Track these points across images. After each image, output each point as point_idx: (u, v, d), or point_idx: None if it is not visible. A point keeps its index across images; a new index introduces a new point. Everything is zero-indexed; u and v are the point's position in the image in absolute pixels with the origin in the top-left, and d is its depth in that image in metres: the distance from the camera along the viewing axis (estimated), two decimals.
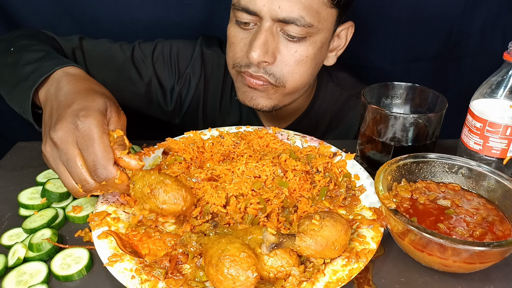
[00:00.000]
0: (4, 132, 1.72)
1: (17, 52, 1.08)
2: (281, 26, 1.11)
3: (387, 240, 0.86)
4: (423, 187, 0.91)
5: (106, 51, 1.36)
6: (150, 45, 1.41)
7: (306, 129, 1.20)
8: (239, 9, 1.12)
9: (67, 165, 0.78)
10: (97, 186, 0.79)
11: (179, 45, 1.43)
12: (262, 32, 1.10)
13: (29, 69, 0.98)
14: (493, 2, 1.57)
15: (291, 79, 1.18)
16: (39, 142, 1.20)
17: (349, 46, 1.32)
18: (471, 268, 0.77)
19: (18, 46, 1.11)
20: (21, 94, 0.97)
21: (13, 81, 1.02)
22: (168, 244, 0.81)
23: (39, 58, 1.01)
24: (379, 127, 1.02)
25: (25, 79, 0.97)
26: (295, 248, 0.74)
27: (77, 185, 0.79)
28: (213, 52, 1.43)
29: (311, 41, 1.15)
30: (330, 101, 1.42)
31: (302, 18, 1.08)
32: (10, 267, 0.80)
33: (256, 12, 1.09)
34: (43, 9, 1.57)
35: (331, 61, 1.30)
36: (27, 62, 1.01)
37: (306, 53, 1.15)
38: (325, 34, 1.17)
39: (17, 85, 0.99)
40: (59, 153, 0.79)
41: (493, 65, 0.98)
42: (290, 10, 1.07)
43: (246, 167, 0.93)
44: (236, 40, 1.18)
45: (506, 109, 0.94)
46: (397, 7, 1.61)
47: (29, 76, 0.96)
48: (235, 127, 1.17)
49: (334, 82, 1.42)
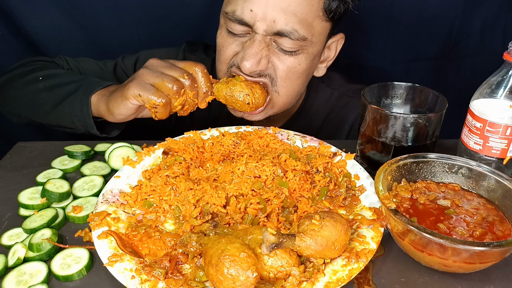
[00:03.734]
0: (4, 132, 1.73)
1: (50, 78, 1.21)
2: (275, 39, 1.11)
3: (387, 240, 0.86)
4: (423, 187, 0.91)
5: (91, 68, 1.39)
6: (133, 58, 1.43)
7: (299, 129, 1.20)
8: (232, 20, 1.10)
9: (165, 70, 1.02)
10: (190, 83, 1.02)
11: (162, 53, 1.44)
12: (255, 43, 1.09)
13: (74, 86, 1.14)
14: (493, 2, 1.57)
15: (284, 85, 1.18)
16: (39, 142, 1.22)
17: (349, 47, 1.32)
18: (471, 268, 0.77)
19: (44, 74, 1.23)
20: (74, 104, 1.11)
21: (56, 100, 1.15)
22: (168, 244, 0.81)
23: (78, 80, 1.17)
24: (379, 127, 1.02)
25: (73, 93, 1.12)
26: (295, 248, 0.74)
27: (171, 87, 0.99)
28: (196, 57, 1.43)
29: (304, 54, 1.14)
30: (322, 101, 1.42)
31: (296, 31, 1.07)
32: (10, 267, 0.80)
33: (250, 25, 1.09)
34: (43, 9, 1.57)
35: (321, 72, 1.31)
36: (69, 82, 1.16)
37: (299, 65, 1.15)
38: (318, 47, 1.18)
39: (64, 100, 1.13)
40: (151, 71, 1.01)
41: (493, 65, 0.98)
42: (284, 23, 1.06)
43: (246, 167, 0.93)
44: (227, 44, 1.17)
45: (506, 109, 0.94)
46: (397, 7, 1.61)
47: (76, 90, 1.12)
48: (235, 127, 1.17)
49: (325, 82, 1.43)
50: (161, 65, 1.04)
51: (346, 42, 1.30)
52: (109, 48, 1.67)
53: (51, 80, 1.20)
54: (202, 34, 1.61)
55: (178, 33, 1.65)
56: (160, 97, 0.99)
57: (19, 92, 1.24)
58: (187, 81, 1.02)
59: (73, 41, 1.65)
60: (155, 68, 1.03)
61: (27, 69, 1.27)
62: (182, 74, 1.02)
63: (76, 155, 1.13)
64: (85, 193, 1.00)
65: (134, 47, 1.61)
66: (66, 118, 1.14)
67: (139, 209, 0.92)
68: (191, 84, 1.03)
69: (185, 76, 1.02)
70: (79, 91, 1.12)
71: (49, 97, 1.17)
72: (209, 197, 0.88)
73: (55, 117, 1.17)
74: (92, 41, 1.66)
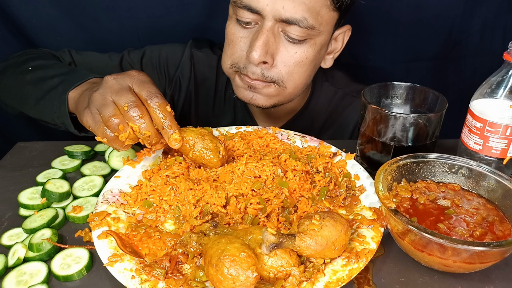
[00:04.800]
0: (4, 132, 1.72)
1: (38, 70, 1.15)
2: (283, 27, 1.10)
3: (387, 240, 0.86)
4: (423, 187, 0.91)
5: (96, 61, 1.37)
6: (139, 52, 1.42)
7: (301, 128, 1.20)
8: (240, 7, 1.10)
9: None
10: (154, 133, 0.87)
11: (168, 49, 1.44)
12: (263, 32, 1.09)
13: (57, 80, 1.07)
14: (493, 2, 1.57)
15: (291, 79, 1.18)
16: (39, 142, 1.22)
17: (349, 46, 1.32)
18: (471, 268, 0.77)
19: (35, 65, 1.17)
20: (53, 101, 1.03)
21: (38, 94, 1.09)
22: (168, 244, 0.81)
23: (64, 73, 1.10)
24: (379, 127, 1.02)
25: (54, 88, 1.05)
26: (295, 248, 0.74)
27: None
28: (203, 54, 1.43)
29: (311, 43, 1.15)
30: (325, 100, 1.42)
31: (305, 19, 1.07)
32: (10, 267, 0.80)
33: (258, 11, 1.08)
34: (43, 9, 1.57)
35: (328, 64, 1.31)
36: (53, 76, 1.09)
37: (306, 55, 1.15)
38: (324, 37, 1.18)
39: (45, 96, 1.07)
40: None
41: (493, 65, 0.98)
42: (294, 11, 1.06)
43: (246, 167, 0.93)
44: (236, 39, 1.17)
45: (506, 109, 0.94)
46: (397, 7, 1.61)
47: (57, 85, 1.04)
48: (235, 127, 1.17)
49: (329, 81, 1.42)
50: (112, 87, 0.88)
51: (346, 42, 1.30)
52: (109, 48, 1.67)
53: (38, 72, 1.14)
54: (202, 34, 1.61)
55: (178, 33, 1.65)
56: (103, 135, 0.86)
57: (10, 82, 1.20)
58: (130, 111, 0.84)
59: (73, 41, 1.65)
60: (105, 92, 0.87)
61: (22, 58, 1.23)
62: (125, 102, 0.84)
63: (76, 155, 1.13)
64: (85, 193, 1.00)
65: (134, 47, 1.61)
66: (47, 115, 1.08)
67: (139, 209, 0.92)
68: (133, 116, 0.84)
69: (128, 104, 0.84)
70: (60, 87, 1.04)
71: (33, 90, 1.11)
72: (209, 197, 0.88)
73: (38, 112, 1.12)
74: (92, 41, 1.66)
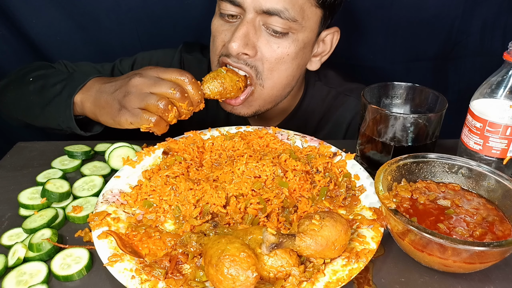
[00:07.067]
0: (4, 132, 1.73)
1: (39, 80, 1.20)
2: (264, 20, 1.11)
3: (387, 240, 0.86)
4: (423, 187, 0.91)
5: (89, 71, 1.39)
6: (130, 60, 1.43)
7: (295, 129, 1.20)
8: (223, 0, 1.12)
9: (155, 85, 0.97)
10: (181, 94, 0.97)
11: (159, 55, 1.44)
12: (244, 24, 1.11)
13: (59, 86, 1.12)
14: (493, 2, 1.57)
15: (270, 77, 1.18)
16: (39, 142, 1.22)
17: (349, 46, 1.32)
18: (471, 268, 0.77)
19: (35, 75, 1.22)
20: (59, 106, 1.09)
21: (43, 102, 1.14)
22: (168, 244, 0.81)
23: (64, 78, 1.14)
24: (379, 127, 1.02)
25: (59, 94, 1.10)
26: (295, 248, 0.74)
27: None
28: (193, 57, 1.44)
29: (293, 39, 1.15)
30: (319, 100, 1.42)
31: (286, 10, 1.08)
32: (10, 267, 0.80)
33: (239, 3, 1.09)
34: (43, 9, 1.57)
35: (314, 66, 1.30)
36: (55, 83, 1.13)
37: (288, 51, 1.15)
38: (308, 34, 1.18)
39: (50, 102, 1.12)
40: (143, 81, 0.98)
41: (493, 65, 0.98)
42: (275, 2, 1.07)
43: (246, 167, 0.93)
44: (218, 32, 1.18)
45: (506, 109, 0.94)
46: (397, 7, 1.61)
47: (61, 91, 1.10)
48: (235, 127, 1.17)
49: (322, 81, 1.42)
50: (145, 83, 0.98)
51: (346, 42, 1.29)
52: (109, 48, 1.67)
53: (40, 81, 1.19)
54: (202, 34, 1.60)
55: (178, 33, 1.66)
56: (148, 120, 0.96)
57: (13, 96, 1.24)
58: (177, 94, 0.97)
59: (73, 41, 1.65)
60: (139, 90, 0.98)
61: (22, 72, 1.27)
62: (169, 89, 0.97)
63: (76, 155, 1.13)
64: (85, 193, 1.00)
65: (134, 47, 1.61)
66: (53, 121, 1.13)
67: (139, 209, 0.92)
68: (181, 96, 0.98)
69: (173, 89, 0.97)
70: (64, 92, 1.10)
71: (37, 99, 1.16)
72: (209, 197, 0.88)
73: (43, 119, 1.17)
74: (92, 41, 1.66)
